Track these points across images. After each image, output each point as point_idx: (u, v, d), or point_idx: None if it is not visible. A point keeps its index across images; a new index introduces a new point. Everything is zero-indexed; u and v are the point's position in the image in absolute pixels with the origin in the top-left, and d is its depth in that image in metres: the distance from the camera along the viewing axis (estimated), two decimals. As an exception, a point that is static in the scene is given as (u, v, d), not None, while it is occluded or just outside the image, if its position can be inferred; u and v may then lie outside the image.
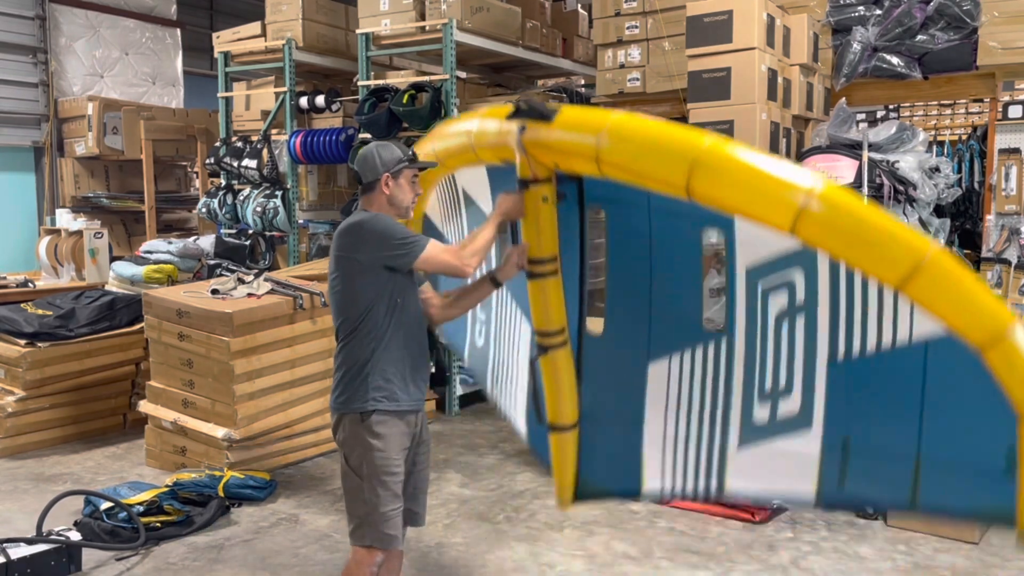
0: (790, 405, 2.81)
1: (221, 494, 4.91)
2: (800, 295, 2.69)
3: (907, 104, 6.31)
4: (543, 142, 2.97)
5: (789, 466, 2.87)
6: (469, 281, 3.40)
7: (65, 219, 9.14)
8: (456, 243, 3.68)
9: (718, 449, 3.04)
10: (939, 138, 6.12)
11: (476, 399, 7.45)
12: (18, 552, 3.97)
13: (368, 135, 6.96)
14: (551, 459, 3.44)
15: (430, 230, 4.20)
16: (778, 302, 2.75)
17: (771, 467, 2.93)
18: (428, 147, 3.66)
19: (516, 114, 3.01)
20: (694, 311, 3.17)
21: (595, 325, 3.37)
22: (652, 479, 3.26)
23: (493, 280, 3.32)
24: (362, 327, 3.09)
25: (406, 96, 6.78)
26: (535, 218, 3.17)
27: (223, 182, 8.18)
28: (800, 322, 2.72)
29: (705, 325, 3.14)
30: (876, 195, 4.80)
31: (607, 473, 3.43)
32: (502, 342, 3.89)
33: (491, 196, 3.67)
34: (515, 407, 3.80)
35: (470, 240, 3.15)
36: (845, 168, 4.75)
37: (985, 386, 2.31)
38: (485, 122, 3.32)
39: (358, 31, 7.33)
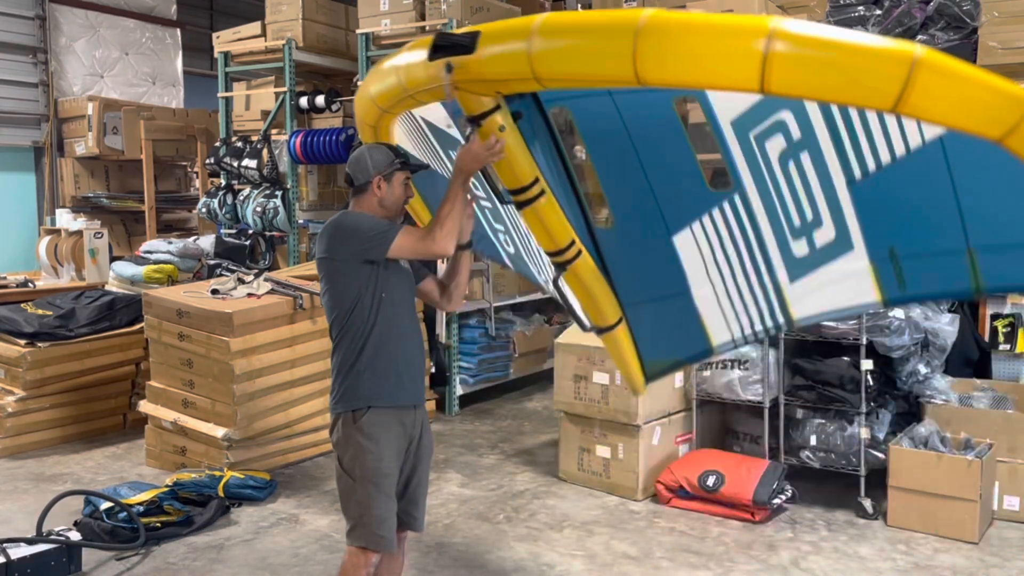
0: (825, 234, 2.82)
1: (221, 494, 4.91)
2: (795, 132, 2.60)
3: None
4: (475, 75, 2.74)
5: (846, 285, 2.92)
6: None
7: (65, 219, 9.14)
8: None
9: (772, 289, 3.10)
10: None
11: (476, 399, 7.46)
12: (18, 552, 3.97)
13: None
14: (610, 353, 3.55)
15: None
16: (776, 145, 2.68)
17: (829, 290, 2.98)
18: (367, 92, 3.32)
19: (436, 53, 2.77)
20: (694, 179, 3.05)
21: (604, 223, 3.32)
22: (719, 334, 3.35)
23: (459, 246, 3.23)
24: (349, 325, 3.08)
25: (406, 96, 6.77)
26: (500, 144, 2.95)
27: (223, 182, 8.18)
28: (805, 157, 2.65)
29: (711, 188, 3.03)
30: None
31: (670, 346, 3.55)
32: (529, 247, 3.73)
33: (450, 118, 3.42)
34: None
35: (437, 219, 3.04)
36: (845, 168, 4.75)
37: (1014, 168, 2.16)
38: (412, 62, 2.94)
39: (358, 31, 7.33)
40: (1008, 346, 5.47)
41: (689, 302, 3.31)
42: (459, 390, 7.17)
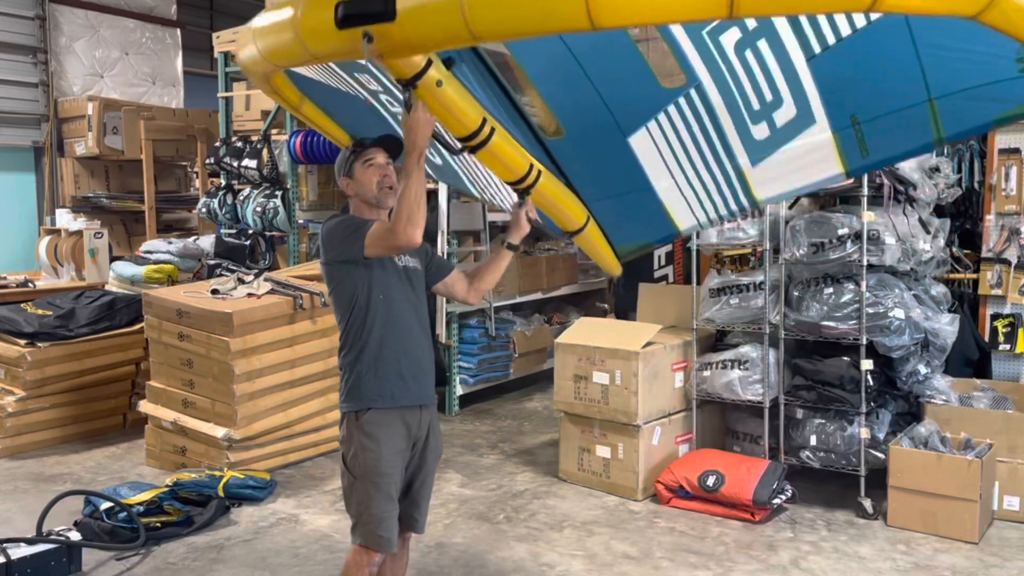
0: (786, 113, 2.84)
1: (221, 494, 4.91)
2: (751, 22, 2.57)
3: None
4: (401, 43, 2.44)
5: (808, 160, 2.98)
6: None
7: (65, 219, 9.15)
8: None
9: (735, 175, 3.15)
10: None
11: (476, 399, 7.46)
12: (18, 552, 3.97)
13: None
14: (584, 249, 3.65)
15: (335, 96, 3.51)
16: (730, 37, 2.65)
17: (791, 167, 3.04)
18: (249, 50, 2.87)
19: (345, 23, 2.40)
20: (645, 80, 2.96)
21: (553, 134, 3.28)
22: (684, 219, 3.45)
23: (510, 246, 3.30)
24: (351, 328, 3.09)
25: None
26: (442, 106, 2.77)
27: (223, 182, 8.18)
28: (763, 43, 2.62)
29: (664, 86, 2.97)
30: (876, 195, 4.80)
31: (638, 231, 3.67)
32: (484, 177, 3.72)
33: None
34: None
35: (398, 204, 2.85)
36: (845, 168, 4.76)
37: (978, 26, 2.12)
38: (313, 25, 2.52)
39: (358, 31, 7.30)
40: (1008, 346, 5.47)
41: (652, 195, 3.39)
42: (459, 390, 7.17)
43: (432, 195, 6.83)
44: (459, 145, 2.95)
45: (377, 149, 3.11)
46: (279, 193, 7.69)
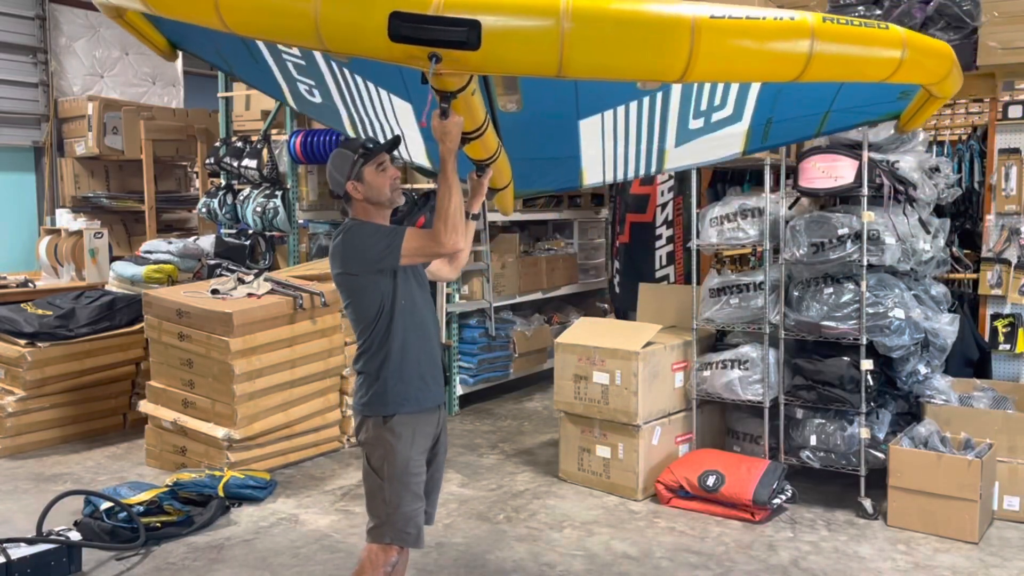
0: (723, 112, 3.26)
1: (221, 494, 4.91)
2: None
3: (907, 104, 6.29)
4: (467, 66, 2.46)
5: (719, 143, 3.46)
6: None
7: (65, 219, 9.14)
8: None
9: (656, 152, 3.54)
10: (939, 138, 6.12)
11: (476, 399, 7.46)
12: (18, 552, 3.97)
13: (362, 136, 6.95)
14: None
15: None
16: None
17: (704, 148, 3.52)
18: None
19: (406, 40, 2.32)
20: (628, 83, 3.03)
21: (509, 105, 3.36)
22: (593, 178, 3.79)
23: (473, 216, 3.39)
24: (375, 334, 3.09)
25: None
26: (468, 109, 2.86)
27: (223, 182, 8.18)
28: None
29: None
30: (876, 195, 4.80)
31: (545, 182, 4.10)
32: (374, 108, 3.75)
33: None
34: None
35: (440, 215, 2.91)
36: (845, 168, 4.75)
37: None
38: (340, 15, 2.41)
39: (358, 31, 7.30)
40: (1008, 346, 5.47)
41: (575, 160, 3.63)
42: (459, 390, 7.17)
43: (432, 195, 6.83)
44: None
45: (383, 153, 3.17)
46: (279, 193, 7.69)
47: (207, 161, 8.28)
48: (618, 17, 2.39)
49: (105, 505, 4.49)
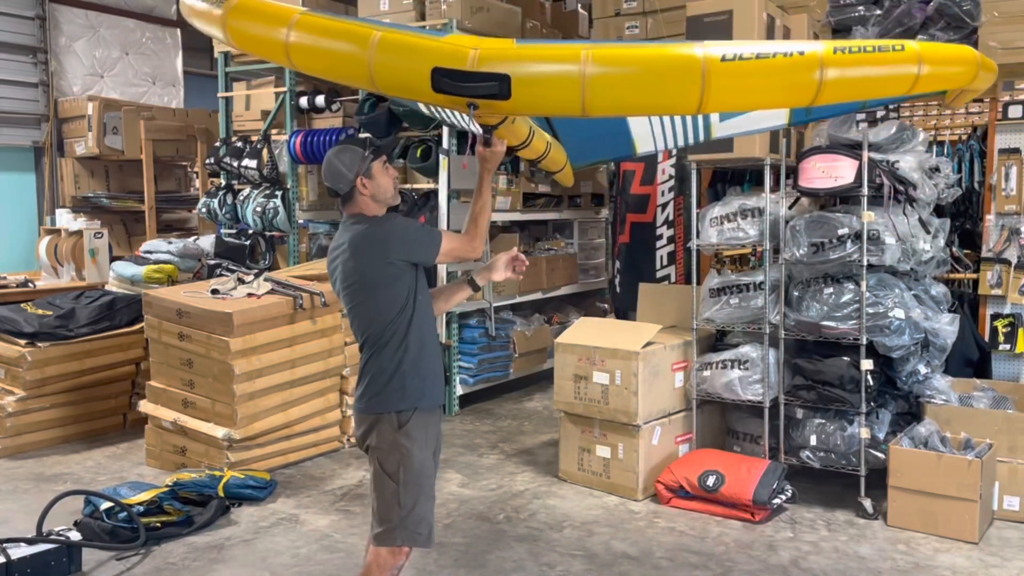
0: None
1: (221, 494, 4.91)
2: None
3: (907, 104, 6.30)
4: (503, 111, 2.86)
5: (764, 116, 3.67)
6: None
7: (65, 219, 9.14)
8: None
9: (702, 125, 3.76)
10: (939, 138, 6.12)
11: (476, 399, 7.46)
12: (18, 552, 3.97)
13: (368, 135, 6.96)
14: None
15: None
16: None
17: (751, 120, 3.69)
18: (276, 33, 2.95)
19: (447, 92, 2.71)
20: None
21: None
22: (644, 147, 3.95)
23: (471, 283, 3.44)
24: (393, 330, 3.09)
25: (406, 96, 6.77)
26: (511, 133, 3.21)
27: (223, 182, 8.18)
28: None
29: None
30: (876, 195, 4.80)
31: (599, 153, 4.30)
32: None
33: None
34: None
35: (473, 223, 3.21)
36: (845, 168, 4.75)
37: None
38: (394, 63, 2.81)
39: (358, 31, 7.30)
40: (1008, 346, 5.47)
41: (626, 133, 3.84)
42: (459, 390, 7.17)
43: (431, 195, 6.84)
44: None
45: (389, 151, 3.32)
46: (279, 193, 7.69)
47: (207, 161, 8.29)
48: (634, 61, 2.70)
49: (105, 505, 4.49)
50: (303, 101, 7.78)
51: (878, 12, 5.80)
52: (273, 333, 5.60)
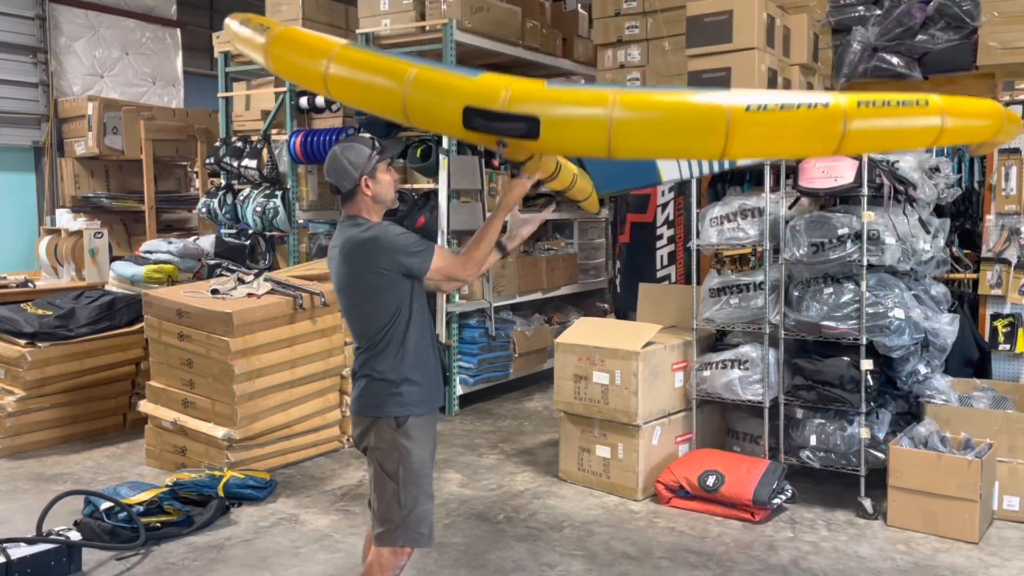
0: None
1: (221, 494, 4.91)
2: None
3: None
4: (531, 149, 2.99)
5: None
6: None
7: (65, 219, 9.14)
8: None
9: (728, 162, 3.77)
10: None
11: (476, 399, 7.46)
12: (18, 552, 3.97)
13: (368, 135, 6.96)
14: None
15: None
16: None
17: None
18: (318, 66, 3.11)
19: (478, 129, 2.85)
20: None
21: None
22: (669, 175, 3.93)
23: (500, 247, 3.34)
24: (389, 336, 3.08)
25: (406, 96, 6.77)
26: (539, 165, 3.27)
27: (223, 182, 8.18)
28: None
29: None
30: (876, 195, 4.80)
31: (625, 182, 4.31)
32: None
33: None
34: None
35: (475, 246, 3.14)
36: (845, 168, 4.75)
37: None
38: (426, 99, 2.95)
39: (358, 31, 7.33)
40: (1008, 346, 5.47)
41: (652, 163, 3.89)
42: (459, 390, 7.17)
43: (431, 195, 6.83)
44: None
45: (392, 154, 3.27)
46: (279, 193, 7.70)
47: (207, 161, 8.29)
48: (660, 108, 2.78)
49: (105, 505, 4.49)
50: (303, 101, 7.78)
51: (878, 12, 5.80)
52: (273, 333, 5.60)
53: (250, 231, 7.85)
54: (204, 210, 8.13)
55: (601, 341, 5.22)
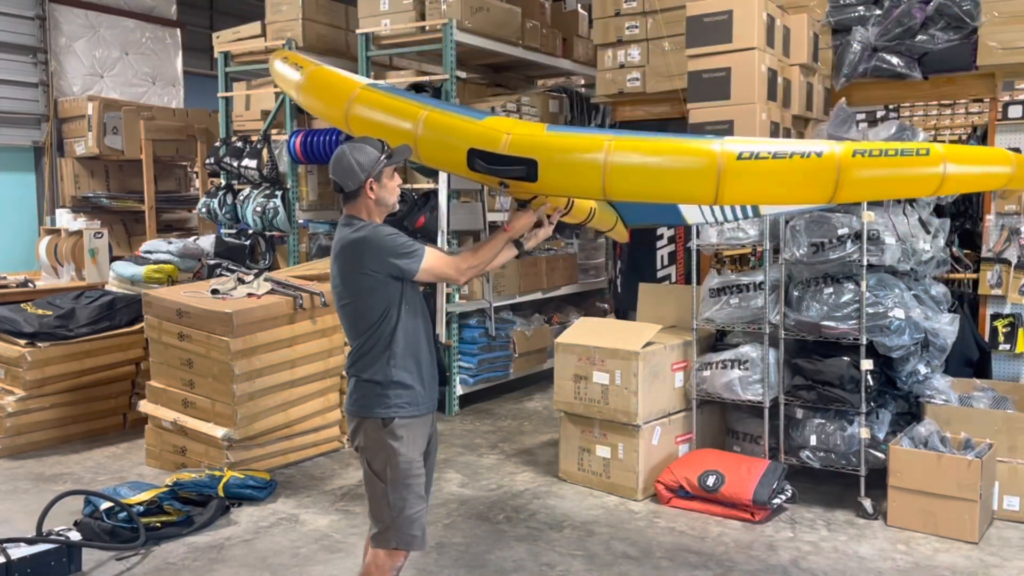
0: None
1: (221, 494, 4.91)
2: None
3: (907, 104, 6.31)
4: (531, 190, 3.10)
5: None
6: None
7: (65, 219, 9.14)
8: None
9: (751, 208, 3.68)
10: (939, 138, 6.12)
11: (476, 399, 7.46)
12: (18, 552, 3.97)
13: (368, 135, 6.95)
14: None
15: None
16: None
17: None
18: (348, 108, 3.54)
19: (479, 170, 3.07)
20: None
21: None
22: (693, 219, 3.92)
23: (518, 244, 3.35)
24: (377, 336, 3.08)
25: (406, 96, 6.77)
26: (546, 202, 3.34)
27: (223, 182, 8.18)
28: None
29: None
30: (876, 195, 4.79)
31: (651, 218, 4.37)
32: None
33: None
34: None
35: (474, 253, 3.15)
36: (845, 168, 4.75)
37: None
38: (439, 138, 3.25)
39: (358, 31, 7.33)
40: (1008, 346, 5.47)
41: (675, 207, 3.87)
42: (459, 390, 7.17)
43: (431, 195, 6.83)
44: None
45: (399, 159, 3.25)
46: (279, 193, 7.69)
47: (207, 161, 8.29)
48: (653, 152, 2.85)
49: (105, 505, 4.49)
50: (303, 101, 7.77)
51: (878, 12, 5.80)
52: (273, 333, 5.60)
53: (250, 231, 7.85)
54: (204, 210, 8.13)
55: (601, 341, 5.22)
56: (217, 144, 8.15)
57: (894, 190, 2.90)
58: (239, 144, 7.88)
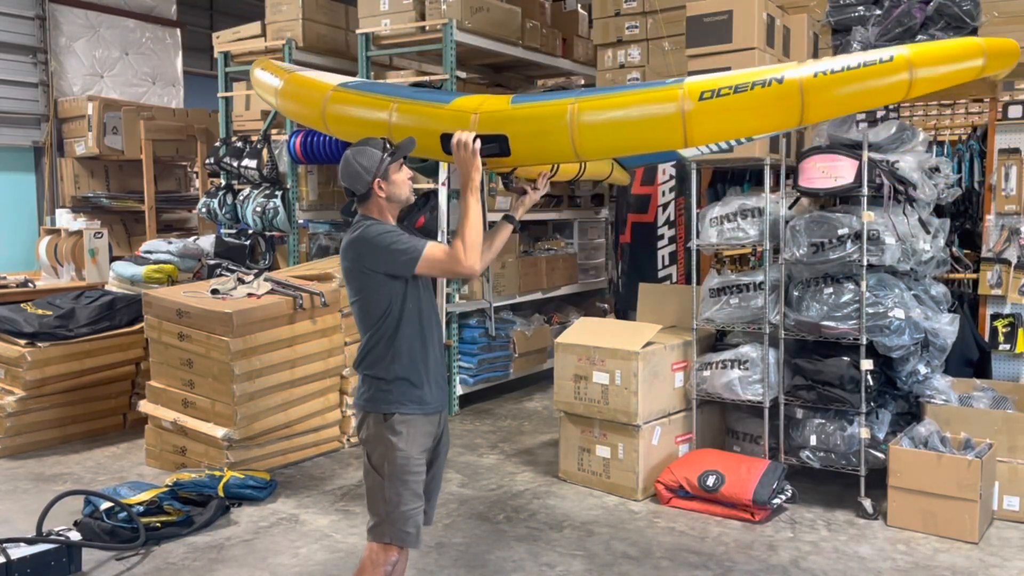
0: None
1: (221, 494, 4.91)
2: None
3: (907, 104, 6.31)
4: (508, 163, 3.11)
5: None
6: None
7: (65, 219, 9.14)
8: None
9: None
10: (939, 138, 6.12)
11: (476, 399, 7.46)
12: (18, 552, 3.97)
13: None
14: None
15: None
16: None
17: None
18: (327, 108, 3.63)
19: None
20: None
21: None
22: (689, 151, 3.87)
23: (510, 219, 3.37)
24: (379, 334, 3.10)
25: (406, 96, 6.77)
26: (534, 168, 3.37)
27: (223, 182, 8.18)
28: None
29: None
30: (876, 195, 4.80)
31: (647, 159, 4.46)
32: None
33: None
34: None
35: (459, 237, 3.04)
36: (845, 168, 4.75)
37: None
38: (413, 124, 3.30)
39: (358, 31, 7.33)
40: (1008, 346, 5.47)
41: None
42: (459, 390, 7.17)
43: (431, 195, 6.83)
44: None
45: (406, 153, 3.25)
46: (279, 193, 7.69)
47: (207, 161, 8.29)
48: (616, 106, 2.90)
49: (105, 505, 4.49)
50: (303, 101, 7.77)
51: (878, 12, 5.79)
52: (273, 333, 5.60)
53: (250, 231, 7.85)
54: (204, 210, 8.13)
55: (601, 341, 5.22)
56: (217, 144, 8.15)
57: (862, 103, 2.84)
58: (239, 144, 7.88)
